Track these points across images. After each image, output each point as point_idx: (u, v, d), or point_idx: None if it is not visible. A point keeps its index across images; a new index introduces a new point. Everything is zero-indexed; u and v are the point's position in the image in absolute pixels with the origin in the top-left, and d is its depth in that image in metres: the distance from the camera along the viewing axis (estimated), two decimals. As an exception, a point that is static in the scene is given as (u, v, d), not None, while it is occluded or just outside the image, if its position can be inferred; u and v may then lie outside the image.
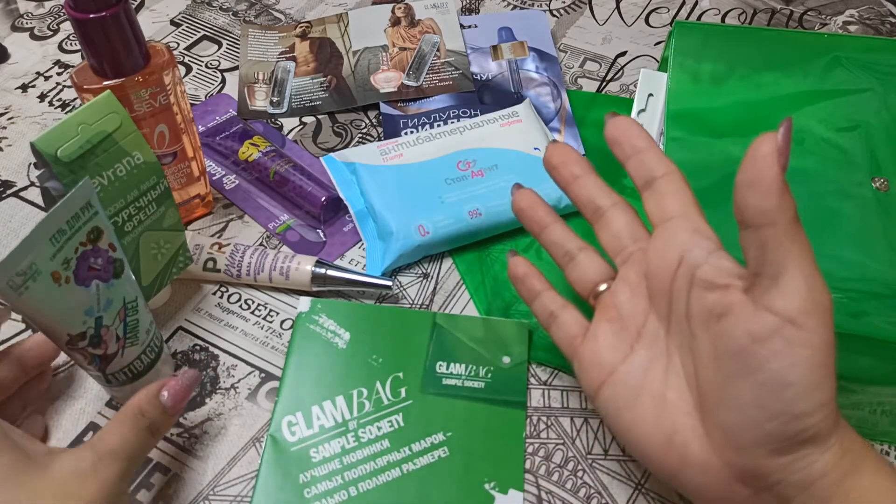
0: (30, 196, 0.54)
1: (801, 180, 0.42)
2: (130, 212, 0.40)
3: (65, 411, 0.43)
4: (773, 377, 0.29)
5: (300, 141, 0.57)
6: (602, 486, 0.40)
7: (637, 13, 0.68)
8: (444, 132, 0.53)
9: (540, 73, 0.61)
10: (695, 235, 0.33)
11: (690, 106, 0.46)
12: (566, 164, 0.39)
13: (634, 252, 0.36)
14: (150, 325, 0.40)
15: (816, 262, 0.29)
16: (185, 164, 0.49)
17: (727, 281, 0.31)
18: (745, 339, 0.30)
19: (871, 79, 0.46)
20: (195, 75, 0.62)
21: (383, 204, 0.49)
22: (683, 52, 0.49)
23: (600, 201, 0.37)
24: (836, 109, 0.45)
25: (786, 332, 0.29)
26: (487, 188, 0.50)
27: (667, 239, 0.34)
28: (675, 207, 0.34)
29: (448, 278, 0.49)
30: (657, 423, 0.33)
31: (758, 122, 0.45)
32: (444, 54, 0.62)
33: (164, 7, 0.69)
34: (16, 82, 0.62)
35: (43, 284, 0.33)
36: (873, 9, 0.68)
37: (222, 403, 0.43)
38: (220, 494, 0.40)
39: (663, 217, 0.35)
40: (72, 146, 0.36)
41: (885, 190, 0.42)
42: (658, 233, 0.35)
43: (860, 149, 0.43)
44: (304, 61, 0.62)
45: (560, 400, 0.43)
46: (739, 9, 0.68)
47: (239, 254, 0.47)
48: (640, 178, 0.36)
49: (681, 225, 0.34)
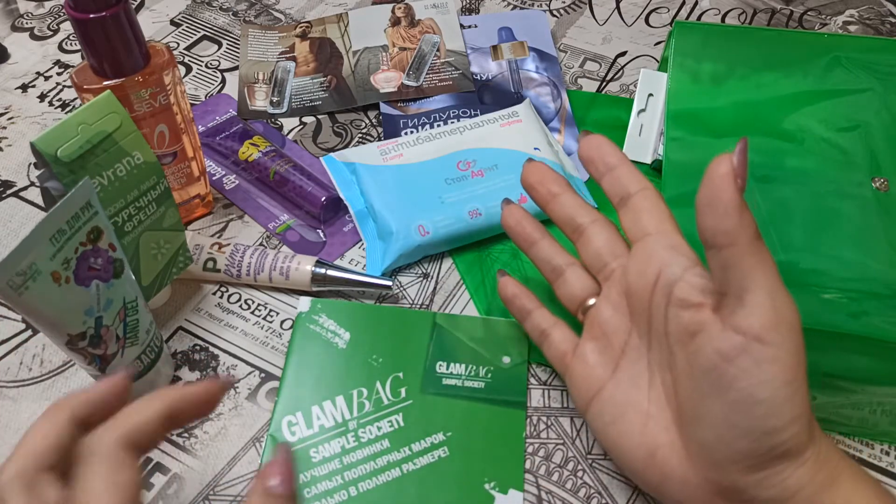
0: (30, 196, 0.54)
1: (801, 180, 0.42)
2: (130, 212, 0.40)
3: (65, 411, 0.43)
4: (743, 395, 0.29)
5: (300, 141, 0.57)
6: (602, 486, 0.40)
7: (637, 13, 0.68)
8: (444, 132, 0.53)
9: (540, 73, 0.61)
10: (671, 252, 0.33)
11: (690, 106, 0.46)
12: (543, 182, 0.39)
13: (616, 269, 0.37)
14: (150, 325, 0.40)
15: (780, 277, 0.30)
16: (185, 164, 0.49)
17: (700, 299, 0.31)
18: (716, 357, 0.30)
19: (871, 79, 0.46)
20: (195, 75, 0.62)
21: (383, 204, 0.49)
22: (683, 52, 0.49)
23: (580, 219, 0.38)
24: (836, 109, 0.45)
25: (753, 350, 0.29)
26: (487, 188, 0.50)
27: (644, 256, 0.34)
28: (651, 224, 0.35)
29: (448, 278, 0.49)
30: (641, 439, 0.34)
31: (758, 122, 0.45)
32: (444, 54, 0.62)
33: (164, 7, 0.69)
34: (16, 82, 0.62)
35: (43, 284, 0.33)
36: (873, 9, 0.68)
37: (222, 403, 0.43)
38: (220, 494, 0.40)
39: (640, 234, 0.35)
40: (72, 146, 0.36)
41: (885, 190, 0.41)
42: (635, 250, 0.35)
43: (860, 149, 0.43)
44: (304, 61, 0.62)
45: (560, 400, 0.43)
46: (739, 9, 0.68)
47: (239, 254, 0.47)
48: (615, 196, 0.36)
49: (657, 242, 0.34)
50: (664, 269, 0.33)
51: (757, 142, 0.44)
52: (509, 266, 0.49)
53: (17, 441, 0.28)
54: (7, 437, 0.41)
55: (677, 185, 0.43)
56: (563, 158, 0.53)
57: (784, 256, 0.39)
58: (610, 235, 0.37)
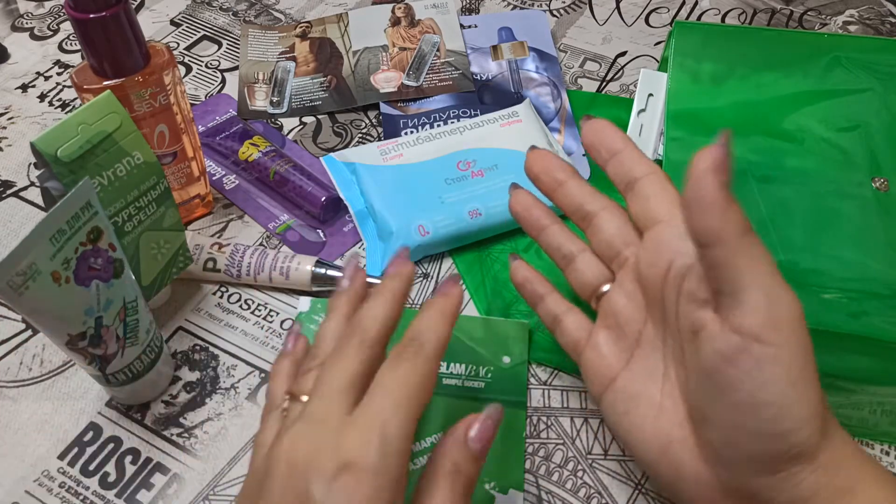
0: (30, 196, 0.54)
1: (801, 180, 0.42)
2: (130, 212, 0.40)
3: (65, 411, 0.43)
4: (747, 397, 0.28)
5: (300, 141, 0.57)
6: (602, 486, 0.40)
7: (637, 13, 0.68)
8: (444, 132, 0.53)
9: (540, 73, 0.61)
10: (682, 242, 0.32)
11: (690, 106, 0.46)
12: (548, 170, 0.38)
13: (629, 257, 0.35)
14: (150, 325, 0.40)
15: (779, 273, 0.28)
16: (185, 164, 0.49)
17: (707, 295, 0.30)
18: (716, 358, 0.29)
19: (872, 79, 0.46)
20: (195, 75, 0.62)
21: (383, 204, 0.49)
22: (683, 52, 0.49)
23: (588, 206, 0.36)
24: (836, 109, 0.45)
25: (753, 350, 0.28)
26: (487, 188, 0.50)
27: (655, 246, 0.33)
28: (660, 211, 0.33)
29: (448, 278, 0.49)
30: (654, 432, 0.33)
31: (758, 122, 0.45)
32: (444, 54, 0.62)
33: (163, 7, 0.69)
34: (16, 82, 0.62)
35: (43, 284, 0.33)
36: (873, 9, 0.68)
37: (222, 403, 0.43)
38: (220, 494, 0.40)
39: (650, 221, 0.34)
40: (72, 146, 0.36)
41: (885, 190, 0.41)
42: (647, 239, 0.34)
43: (860, 149, 0.43)
44: (304, 61, 0.62)
45: (560, 400, 0.43)
46: (739, 9, 0.68)
47: (239, 254, 0.47)
48: (621, 181, 0.35)
49: (667, 231, 0.33)
50: (675, 260, 0.32)
51: (757, 142, 0.44)
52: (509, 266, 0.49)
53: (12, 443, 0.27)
54: (7, 437, 0.41)
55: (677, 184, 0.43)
56: (563, 158, 0.53)
57: (784, 256, 0.39)
58: (621, 223, 0.36)
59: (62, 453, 0.41)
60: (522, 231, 0.50)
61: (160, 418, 0.42)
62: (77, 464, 0.41)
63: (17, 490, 0.40)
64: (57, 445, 0.41)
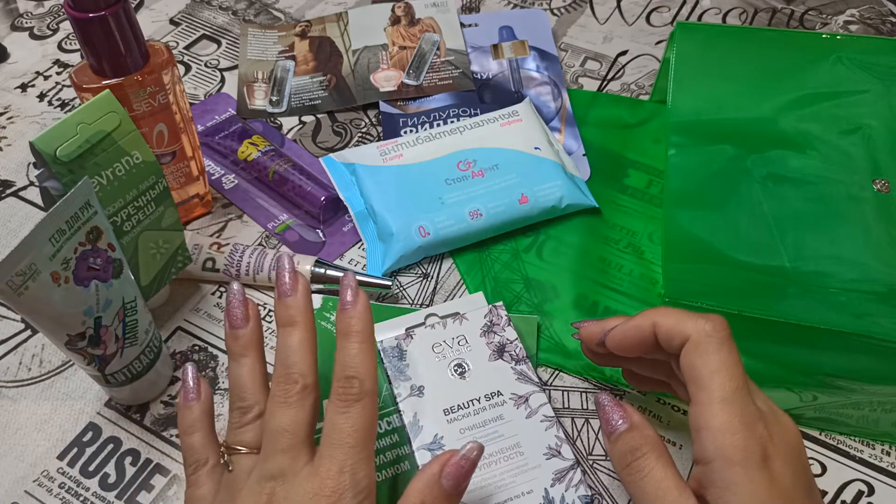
0: (29, 196, 0.53)
1: (802, 182, 0.42)
2: (129, 211, 0.40)
3: (64, 411, 0.42)
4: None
5: (300, 140, 0.57)
6: (602, 486, 0.40)
7: (638, 12, 0.68)
8: (444, 132, 0.53)
9: (540, 72, 0.61)
10: None
11: (692, 108, 0.46)
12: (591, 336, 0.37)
13: None
14: (149, 325, 0.40)
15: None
16: (184, 164, 0.49)
17: None
18: None
19: (872, 79, 0.46)
20: (194, 74, 0.62)
21: (383, 205, 0.49)
22: (685, 53, 0.49)
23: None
24: (836, 111, 0.45)
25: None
26: (488, 188, 0.50)
27: None
28: None
29: (448, 278, 0.49)
30: None
31: (759, 124, 0.45)
32: (445, 53, 0.62)
33: (163, 6, 0.69)
34: (15, 82, 0.61)
35: (42, 284, 0.33)
36: (874, 8, 0.68)
37: (221, 404, 0.43)
38: (219, 495, 0.40)
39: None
40: (71, 146, 0.36)
41: (886, 191, 0.41)
42: None
43: (861, 150, 0.43)
44: (303, 60, 0.62)
45: (560, 400, 0.43)
46: (740, 8, 0.68)
47: (238, 253, 0.47)
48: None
49: None
50: None
51: (758, 144, 0.44)
52: (509, 266, 0.49)
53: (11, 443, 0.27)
54: (6, 437, 0.41)
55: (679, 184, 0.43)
56: (563, 158, 0.52)
57: (787, 258, 0.39)
58: None
59: (62, 453, 0.41)
60: (523, 231, 0.50)
61: (159, 419, 0.42)
62: (77, 464, 0.40)
63: (16, 490, 0.39)
64: (56, 446, 0.41)
